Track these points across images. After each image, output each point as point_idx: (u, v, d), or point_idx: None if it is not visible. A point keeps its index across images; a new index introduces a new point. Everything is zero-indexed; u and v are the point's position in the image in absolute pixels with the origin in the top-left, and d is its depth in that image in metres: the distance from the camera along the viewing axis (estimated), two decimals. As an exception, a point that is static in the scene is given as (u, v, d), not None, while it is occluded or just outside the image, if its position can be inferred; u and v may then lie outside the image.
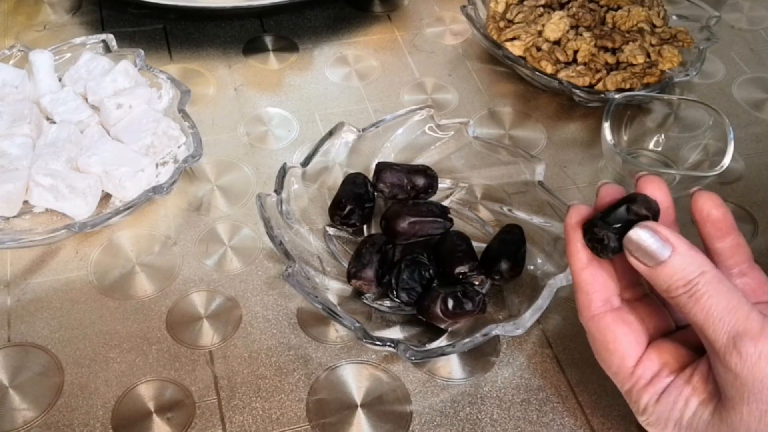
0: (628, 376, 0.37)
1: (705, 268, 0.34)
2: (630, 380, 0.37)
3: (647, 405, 0.36)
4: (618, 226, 0.36)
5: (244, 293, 0.48)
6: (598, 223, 0.36)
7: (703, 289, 0.33)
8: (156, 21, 0.68)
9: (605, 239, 0.36)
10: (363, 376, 0.45)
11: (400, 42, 0.69)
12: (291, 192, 0.50)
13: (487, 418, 0.43)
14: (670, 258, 0.34)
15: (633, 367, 0.37)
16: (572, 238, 0.38)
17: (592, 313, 0.37)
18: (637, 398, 0.37)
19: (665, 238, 0.34)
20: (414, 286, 0.46)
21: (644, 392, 0.37)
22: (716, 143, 0.56)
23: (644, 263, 0.35)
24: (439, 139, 0.55)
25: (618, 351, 0.37)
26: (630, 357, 0.37)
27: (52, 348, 0.45)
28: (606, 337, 0.37)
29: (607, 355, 0.37)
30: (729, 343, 0.32)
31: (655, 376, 0.37)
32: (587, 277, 0.37)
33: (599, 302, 0.37)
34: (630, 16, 0.65)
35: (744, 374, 0.32)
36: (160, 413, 0.42)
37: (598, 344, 0.38)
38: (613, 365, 0.37)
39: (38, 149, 0.51)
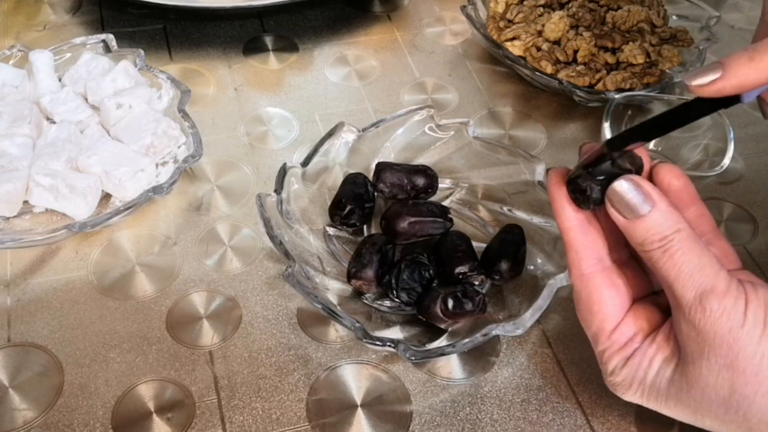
0: (605, 338, 0.38)
1: (681, 226, 0.35)
2: (605, 343, 0.38)
3: (615, 367, 0.38)
4: (601, 178, 0.36)
5: (244, 293, 0.48)
6: (582, 174, 0.37)
7: (677, 246, 0.34)
8: (156, 21, 0.68)
9: (588, 190, 0.36)
10: (363, 376, 0.45)
11: (400, 42, 0.69)
12: (291, 192, 0.50)
13: (487, 418, 0.43)
14: (649, 213, 0.35)
15: (611, 331, 0.38)
16: (556, 195, 0.38)
17: (582, 271, 0.38)
18: (607, 360, 0.38)
19: (647, 193, 0.35)
20: (414, 286, 0.46)
21: (616, 355, 0.37)
22: (716, 143, 0.56)
23: (624, 215, 0.36)
24: (439, 139, 0.55)
25: (600, 313, 0.38)
26: (610, 320, 0.38)
27: (52, 348, 0.45)
28: (592, 298, 0.38)
29: (590, 315, 0.38)
30: (696, 299, 0.33)
31: (628, 341, 0.37)
32: (576, 236, 0.38)
33: (592, 260, 0.38)
34: (630, 16, 0.65)
35: (706, 329, 0.33)
36: (160, 413, 0.42)
37: (583, 303, 0.38)
38: (593, 326, 0.38)
39: (38, 149, 0.51)
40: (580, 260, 0.38)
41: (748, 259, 0.52)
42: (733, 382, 0.34)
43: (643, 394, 0.37)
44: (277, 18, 0.70)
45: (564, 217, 0.38)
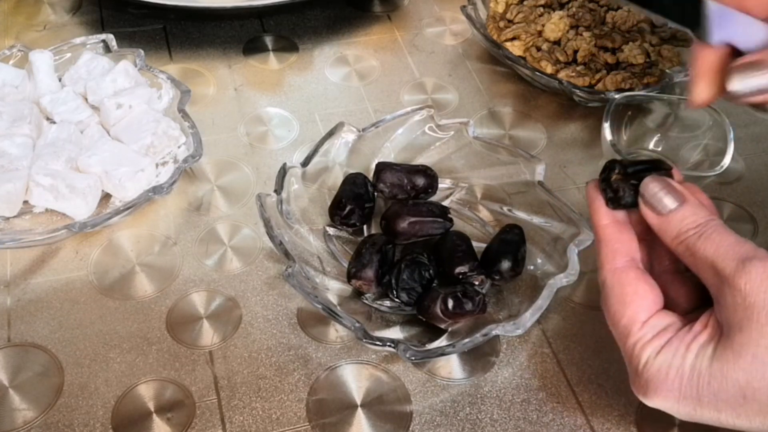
0: (637, 329, 0.36)
1: (714, 217, 0.36)
2: (637, 333, 0.36)
3: (648, 358, 0.36)
4: (634, 183, 0.37)
5: (244, 293, 0.48)
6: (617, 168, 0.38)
7: (713, 229, 0.35)
8: (156, 21, 0.68)
9: (620, 190, 0.37)
10: (363, 376, 0.45)
11: (400, 42, 0.69)
12: (291, 192, 0.50)
13: (487, 418, 0.43)
14: (681, 206, 0.36)
15: (644, 322, 0.37)
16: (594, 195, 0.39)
17: (616, 265, 0.38)
18: (639, 352, 0.36)
19: (677, 189, 0.37)
20: (414, 286, 0.46)
21: (648, 346, 0.36)
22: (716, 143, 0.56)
23: (657, 211, 0.36)
24: (439, 139, 0.55)
25: (634, 303, 0.37)
26: (643, 312, 0.37)
27: (52, 348, 0.45)
28: (626, 290, 0.37)
29: (621, 307, 0.37)
30: (739, 265, 0.33)
31: (662, 331, 0.36)
32: (612, 232, 0.38)
33: (625, 256, 0.38)
34: (630, 16, 0.65)
35: (753, 292, 0.33)
36: (160, 413, 0.42)
37: (615, 296, 0.37)
38: (624, 317, 0.37)
39: (38, 149, 0.51)
40: (615, 255, 0.38)
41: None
42: None
43: (681, 387, 0.35)
44: (277, 18, 0.70)
45: (601, 214, 0.38)
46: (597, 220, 0.38)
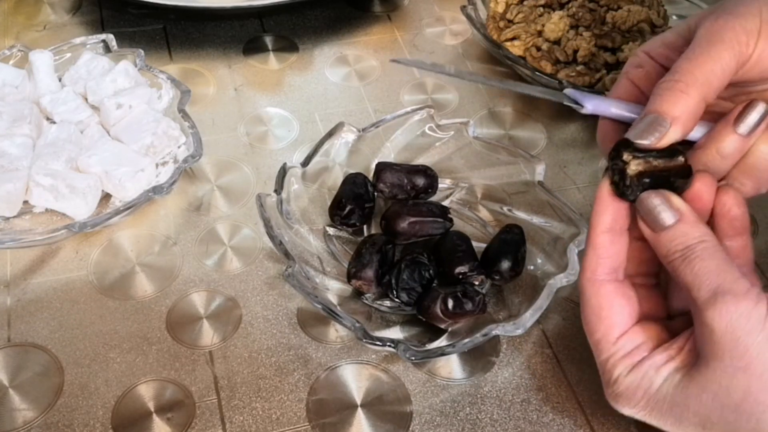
0: (610, 345, 0.37)
1: (706, 238, 0.35)
2: (610, 350, 0.37)
3: (619, 376, 0.37)
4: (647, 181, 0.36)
5: (244, 293, 0.48)
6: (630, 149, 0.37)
7: (698, 254, 0.34)
8: (156, 21, 0.68)
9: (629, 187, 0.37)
10: (363, 376, 0.45)
11: (400, 42, 0.69)
12: (291, 192, 0.50)
13: (487, 418, 0.43)
14: (674, 224, 0.35)
15: (617, 338, 0.37)
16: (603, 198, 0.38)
17: (597, 277, 0.37)
18: (611, 368, 0.37)
19: (675, 206, 0.36)
20: (414, 286, 0.46)
21: (620, 363, 0.37)
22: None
23: (652, 228, 0.36)
24: (439, 139, 0.55)
25: (608, 319, 0.37)
26: (617, 328, 0.37)
27: (52, 348, 0.45)
28: (600, 303, 0.37)
29: (596, 321, 0.37)
30: (711, 298, 0.33)
31: (634, 349, 0.37)
32: (605, 241, 0.37)
33: (607, 269, 0.38)
34: (630, 16, 0.65)
35: (721, 330, 0.33)
36: (160, 413, 0.42)
37: (590, 309, 0.38)
38: (598, 332, 0.37)
39: (38, 149, 0.51)
40: (598, 264, 0.37)
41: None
42: (749, 385, 0.33)
43: (647, 405, 0.36)
44: (277, 18, 0.70)
45: (602, 219, 0.37)
46: (596, 224, 0.38)
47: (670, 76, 0.36)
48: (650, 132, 0.36)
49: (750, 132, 0.37)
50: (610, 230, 0.37)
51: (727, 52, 0.36)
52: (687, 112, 0.36)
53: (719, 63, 0.36)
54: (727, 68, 0.36)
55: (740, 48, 0.36)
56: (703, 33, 0.37)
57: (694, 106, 0.36)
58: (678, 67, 0.36)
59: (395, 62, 0.43)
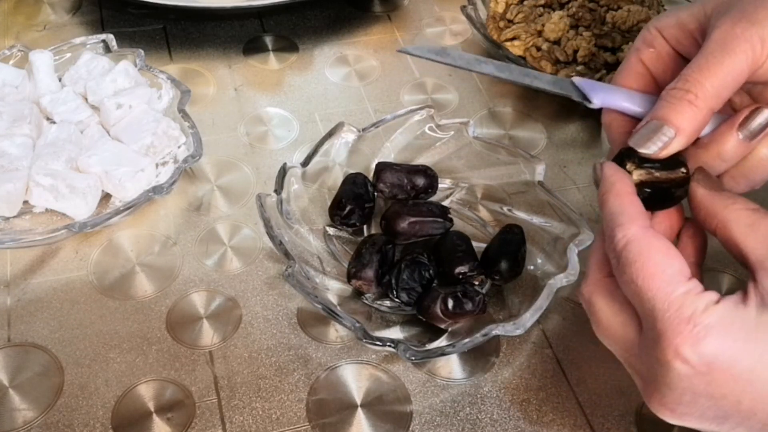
0: (685, 281, 0.33)
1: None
2: (687, 284, 0.33)
3: (707, 305, 0.32)
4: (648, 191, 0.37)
5: (244, 293, 0.48)
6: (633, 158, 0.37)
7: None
8: (156, 21, 0.68)
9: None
10: (363, 376, 0.45)
11: (400, 42, 0.69)
12: (291, 192, 0.50)
13: (487, 418, 0.43)
14: None
15: (689, 276, 0.34)
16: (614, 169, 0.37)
17: (647, 224, 0.35)
18: (694, 299, 0.32)
19: None
20: (414, 286, 0.46)
21: (702, 296, 0.33)
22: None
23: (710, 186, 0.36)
24: (439, 139, 0.55)
25: (680, 258, 0.34)
26: (686, 269, 0.34)
27: (52, 348, 0.45)
28: (668, 244, 0.34)
29: (667, 259, 0.34)
30: None
31: (708, 291, 0.33)
32: (635, 200, 0.36)
33: (646, 223, 0.35)
34: (630, 16, 0.65)
35: None
36: (160, 413, 0.42)
37: (657, 250, 0.34)
38: (671, 267, 0.33)
39: (38, 149, 0.51)
40: (641, 217, 0.35)
41: (748, 259, 0.52)
42: None
43: (748, 334, 0.31)
44: (277, 18, 0.70)
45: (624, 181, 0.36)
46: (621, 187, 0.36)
47: (681, 84, 0.36)
48: (653, 140, 0.36)
49: (752, 138, 0.37)
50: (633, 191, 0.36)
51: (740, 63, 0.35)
52: (693, 124, 0.36)
53: (731, 75, 0.35)
54: (739, 79, 0.36)
55: (754, 56, 0.36)
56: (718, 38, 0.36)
57: (702, 118, 0.36)
58: (689, 76, 0.36)
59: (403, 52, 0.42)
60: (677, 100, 0.36)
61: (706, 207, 0.36)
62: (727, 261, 0.51)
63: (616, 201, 0.36)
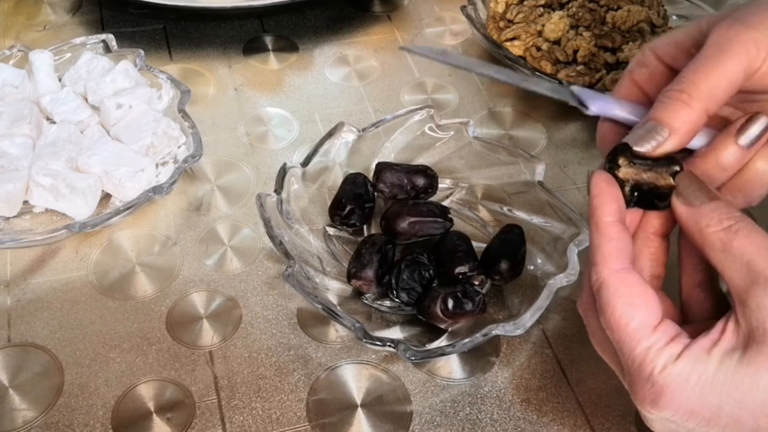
0: (649, 333, 0.34)
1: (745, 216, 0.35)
2: (650, 338, 0.34)
3: (666, 364, 0.33)
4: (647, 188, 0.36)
5: (244, 293, 0.48)
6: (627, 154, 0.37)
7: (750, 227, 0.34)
8: (156, 21, 0.68)
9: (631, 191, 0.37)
10: (363, 376, 0.45)
11: (400, 42, 0.69)
12: (291, 192, 0.50)
13: (487, 418, 0.43)
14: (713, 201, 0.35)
15: (655, 326, 0.34)
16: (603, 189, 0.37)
17: (621, 265, 0.35)
18: (654, 357, 0.33)
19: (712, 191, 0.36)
20: (414, 286, 0.46)
21: (664, 351, 0.33)
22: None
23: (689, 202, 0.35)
24: (439, 139, 0.55)
25: (644, 306, 0.34)
26: (654, 315, 0.34)
27: (52, 348, 0.45)
28: (633, 291, 0.35)
29: (631, 309, 0.34)
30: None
31: (675, 337, 0.34)
32: (619, 230, 0.36)
33: (626, 259, 0.36)
34: (630, 16, 0.65)
35: None
36: (160, 413, 0.42)
37: (621, 298, 0.35)
38: (634, 320, 0.34)
39: (38, 149, 0.51)
40: (620, 254, 0.35)
41: (748, 259, 0.52)
42: None
43: (702, 394, 0.32)
44: (277, 18, 0.70)
45: (608, 209, 0.36)
46: (602, 215, 0.36)
47: (676, 86, 0.36)
48: (648, 139, 0.36)
49: (751, 144, 0.37)
50: (619, 219, 0.36)
51: (735, 65, 0.35)
52: (687, 124, 0.36)
53: (726, 76, 0.36)
54: (734, 81, 0.36)
55: (749, 60, 0.36)
56: (713, 41, 0.36)
57: (696, 118, 0.36)
58: (684, 77, 0.36)
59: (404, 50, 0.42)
60: (672, 101, 0.36)
61: (685, 228, 0.36)
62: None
63: (595, 233, 0.36)
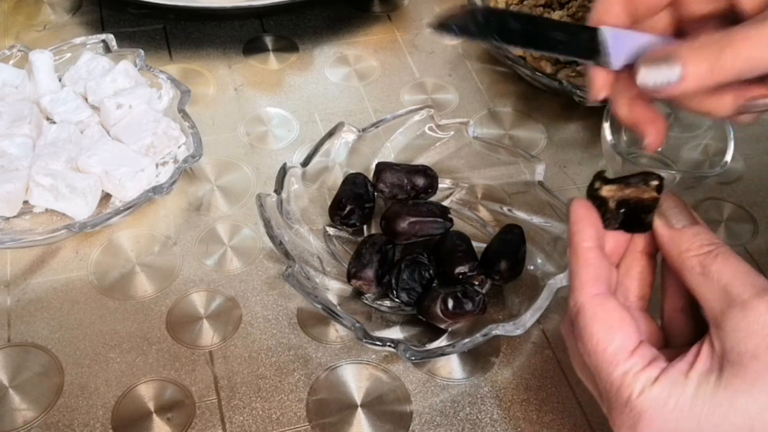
0: (625, 359, 0.34)
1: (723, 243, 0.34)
2: (627, 363, 0.34)
3: (643, 388, 0.34)
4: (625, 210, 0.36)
5: (244, 293, 0.48)
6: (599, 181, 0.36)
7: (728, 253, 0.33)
8: (156, 21, 0.68)
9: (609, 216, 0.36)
10: (363, 376, 0.45)
11: (400, 42, 0.69)
12: (291, 192, 0.50)
13: (487, 418, 0.43)
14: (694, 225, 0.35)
15: (632, 350, 0.34)
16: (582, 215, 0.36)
17: (598, 291, 0.35)
18: (631, 382, 0.34)
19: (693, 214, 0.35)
20: (414, 286, 0.46)
21: (641, 375, 0.34)
22: (716, 143, 0.56)
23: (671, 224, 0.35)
24: (439, 139, 0.55)
25: (621, 331, 0.35)
26: (631, 340, 0.35)
27: (52, 348, 0.45)
28: (610, 316, 0.35)
29: (608, 334, 0.35)
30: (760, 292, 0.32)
31: (652, 361, 0.34)
32: (596, 256, 0.36)
33: (604, 285, 0.36)
34: (630, 16, 0.65)
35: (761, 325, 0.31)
36: (160, 413, 0.42)
37: (598, 323, 0.35)
38: (611, 345, 0.34)
39: (38, 149, 0.51)
40: (596, 279, 0.36)
41: (748, 259, 0.52)
42: None
43: (681, 417, 0.33)
44: (277, 18, 0.70)
45: (587, 235, 0.36)
46: (580, 240, 0.36)
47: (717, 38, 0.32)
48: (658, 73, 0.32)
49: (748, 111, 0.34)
50: (597, 245, 0.36)
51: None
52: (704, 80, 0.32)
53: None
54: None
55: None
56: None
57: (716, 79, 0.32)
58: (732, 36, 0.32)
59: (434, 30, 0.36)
60: (703, 49, 0.32)
61: (665, 250, 0.36)
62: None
63: (573, 258, 0.36)
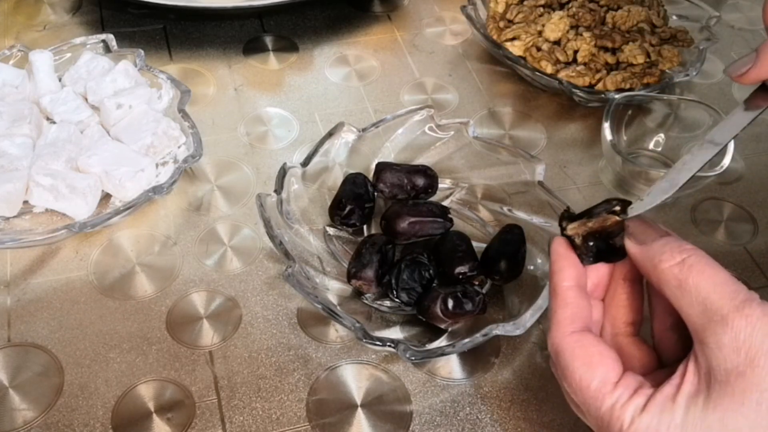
0: (610, 391, 0.34)
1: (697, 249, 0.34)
2: (613, 396, 0.34)
3: (632, 418, 0.34)
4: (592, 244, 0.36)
5: (244, 293, 0.48)
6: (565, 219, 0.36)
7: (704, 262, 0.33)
8: (156, 21, 0.68)
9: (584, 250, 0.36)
10: (363, 376, 0.45)
11: (400, 42, 0.69)
12: (291, 192, 0.50)
13: (487, 418, 0.43)
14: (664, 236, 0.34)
15: (616, 383, 0.35)
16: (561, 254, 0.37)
17: (575, 328, 0.36)
18: (620, 413, 0.34)
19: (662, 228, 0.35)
20: (414, 286, 0.46)
21: (629, 405, 0.34)
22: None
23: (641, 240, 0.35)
24: (439, 139, 0.55)
25: (602, 365, 0.35)
26: (614, 372, 0.35)
27: (52, 348, 0.45)
28: (589, 352, 0.35)
29: (590, 370, 0.35)
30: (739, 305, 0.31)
31: (638, 389, 0.34)
32: (575, 296, 0.36)
33: (581, 323, 0.36)
34: (630, 16, 0.65)
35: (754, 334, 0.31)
36: (160, 413, 0.42)
37: (578, 360, 0.35)
38: (594, 380, 0.35)
39: (38, 149, 0.51)
40: (573, 318, 0.36)
41: (748, 259, 0.52)
42: None
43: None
44: (277, 18, 0.70)
45: (566, 274, 0.36)
46: (560, 280, 0.36)
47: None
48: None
49: None
50: (576, 284, 0.36)
51: None
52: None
53: None
54: None
55: None
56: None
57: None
58: None
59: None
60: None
61: (642, 268, 0.35)
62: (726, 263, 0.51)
63: (551, 298, 0.37)
